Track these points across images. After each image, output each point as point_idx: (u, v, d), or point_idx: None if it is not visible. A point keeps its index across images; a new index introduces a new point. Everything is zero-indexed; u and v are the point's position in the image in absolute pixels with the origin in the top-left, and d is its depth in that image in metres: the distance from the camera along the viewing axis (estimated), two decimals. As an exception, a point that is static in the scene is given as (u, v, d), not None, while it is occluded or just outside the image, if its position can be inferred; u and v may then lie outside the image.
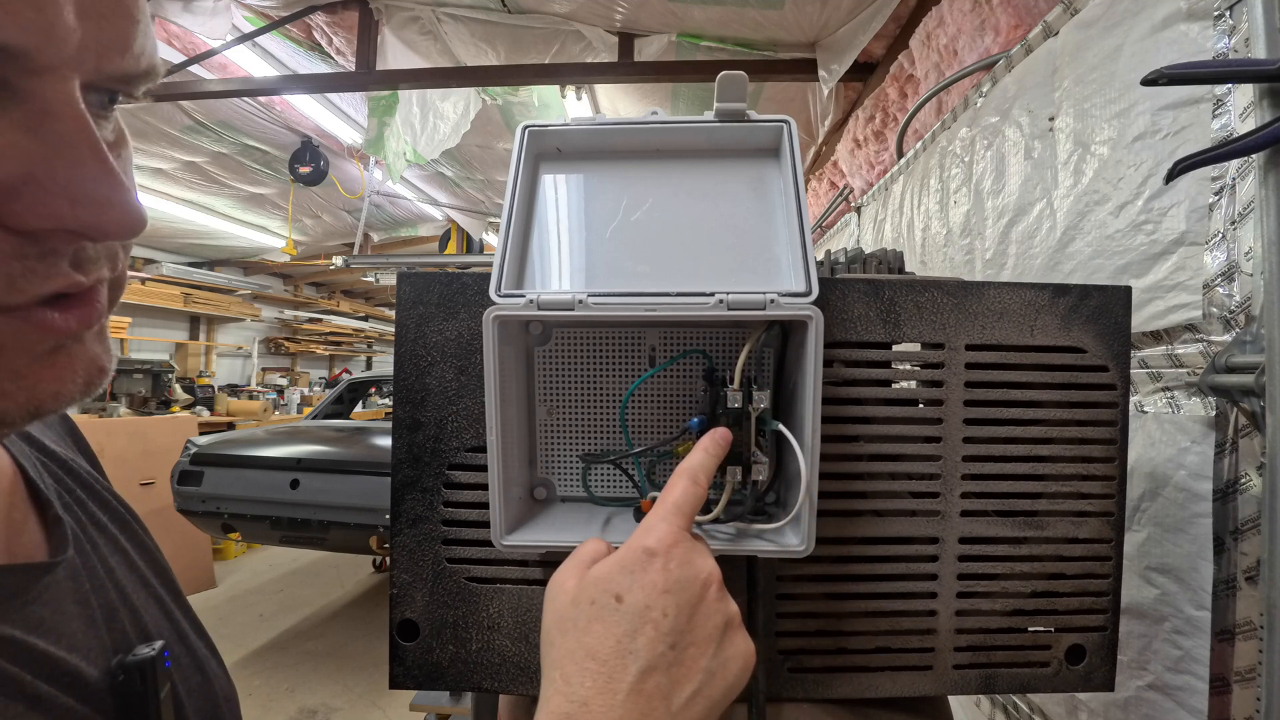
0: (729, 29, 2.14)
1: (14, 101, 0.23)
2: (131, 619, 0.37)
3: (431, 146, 2.92)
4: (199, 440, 3.25)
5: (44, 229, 0.24)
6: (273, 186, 4.59)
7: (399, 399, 0.51)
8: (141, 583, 0.41)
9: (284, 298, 8.61)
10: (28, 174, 0.23)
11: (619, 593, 0.35)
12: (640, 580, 0.35)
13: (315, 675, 3.11)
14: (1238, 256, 0.63)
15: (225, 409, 6.29)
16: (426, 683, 0.51)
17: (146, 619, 0.38)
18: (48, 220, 0.24)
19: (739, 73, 0.49)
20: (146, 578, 0.41)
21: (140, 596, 0.39)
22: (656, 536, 0.36)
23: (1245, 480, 0.62)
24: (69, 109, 0.24)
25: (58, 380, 0.27)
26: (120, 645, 0.35)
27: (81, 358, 0.27)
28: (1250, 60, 0.60)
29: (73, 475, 0.41)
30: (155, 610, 0.40)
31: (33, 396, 0.26)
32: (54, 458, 0.41)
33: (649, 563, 0.35)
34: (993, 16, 1.35)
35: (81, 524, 0.38)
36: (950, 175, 1.30)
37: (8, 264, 0.24)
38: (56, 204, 0.24)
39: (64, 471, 0.41)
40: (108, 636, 0.35)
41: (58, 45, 0.23)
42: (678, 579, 0.35)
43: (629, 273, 0.47)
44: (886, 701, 0.53)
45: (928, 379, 0.51)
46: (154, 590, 0.41)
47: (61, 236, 0.25)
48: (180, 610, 0.43)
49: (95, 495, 0.42)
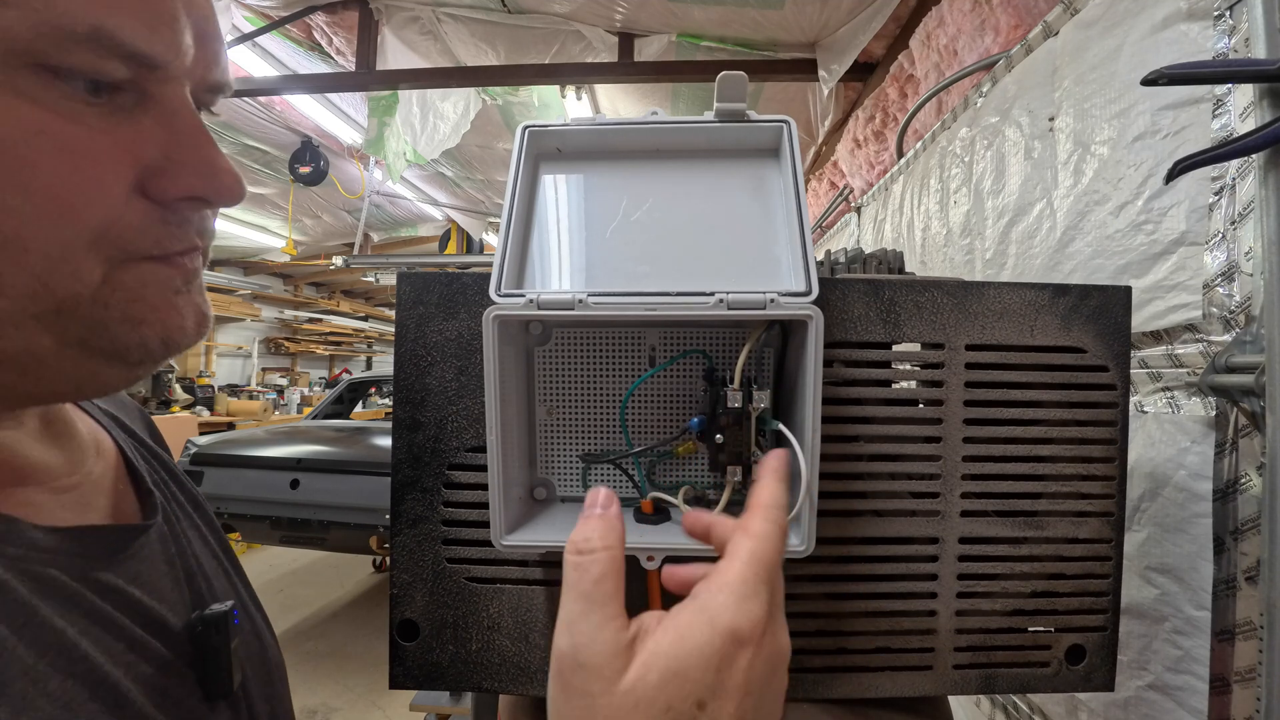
0: (729, 29, 2.14)
1: (151, 104, 0.30)
2: (205, 582, 0.42)
3: (431, 146, 2.92)
4: (199, 440, 3.25)
5: (181, 197, 0.31)
6: (273, 186, 4.59)
7: (399, 399, 0.51)
8: (212, 555, 0.45)
9: (284, 298, 8.61)
10: (166, 157, 0.30)
11: (702, 698, 0.27)
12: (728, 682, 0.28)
13: (315, 675, 3.11)
14: (1238, 256, 0.63)
15: (225, 409, 6.29)
16: (426, 683, 0.51)
17: (216, 585, 0.43)
18: (184, 190, 0.31)
19: (739, 73, 0.49)
20: (215, 551, 0.46)
21: (210, 566, 0.44)
22: (750, 618, 0.28)
23: (1245, 480, 0.62)
24: (188, 109, 0.31)
25: (180, 316, 0.33)
26: (197, 603, 0.40)
27: (192, 303, 0.34)
28: (1250, 60, 0.60)
29: (158, 460, 0.48)
30: (223, 579, 0.45)
31: (165, 327, 0.32)
32: (144, 445, 0.47)
33: (737, 655, 0.28)
34: (993, 16, 1.35)
35: (167, 499, 0.44)
36: (950, 175, 1.30)
37: (156, 228, 0.31)
38: (189, 179, 0.31)
39: (151, 456, 0.47)
40: (188, 594, 0.39)
41: (183, 59, 0.30)
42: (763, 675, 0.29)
43: (629, 272, 0.47)
44: (886, 701, 0.53)
45: (928, 379, 0.51)
46: (221, 563, 0.46)
47: (191, 204, 0.32)
48: (241, 583, 0.48)
49: (175, 478, 0.48)
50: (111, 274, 0.30)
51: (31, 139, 0.26)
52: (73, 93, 0.27)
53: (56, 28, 0.25)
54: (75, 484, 0.37)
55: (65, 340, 0.29)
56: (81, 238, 0.28)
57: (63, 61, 0.26)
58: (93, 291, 0.29)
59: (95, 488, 0.39)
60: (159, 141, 0.30)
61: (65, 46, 0.26)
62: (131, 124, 0.29)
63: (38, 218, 0.27)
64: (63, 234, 0.27)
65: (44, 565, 0.30)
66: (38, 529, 0.31)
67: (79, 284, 0.28)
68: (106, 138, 0.28)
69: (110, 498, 0.39)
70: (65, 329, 0.29)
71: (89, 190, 0.28)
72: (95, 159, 0.28)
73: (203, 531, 0.46)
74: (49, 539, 0.31)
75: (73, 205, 0.27)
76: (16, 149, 0.26)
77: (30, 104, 0.26)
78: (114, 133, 0.29)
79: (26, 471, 0.34)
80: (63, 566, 0.31)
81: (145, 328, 0.31)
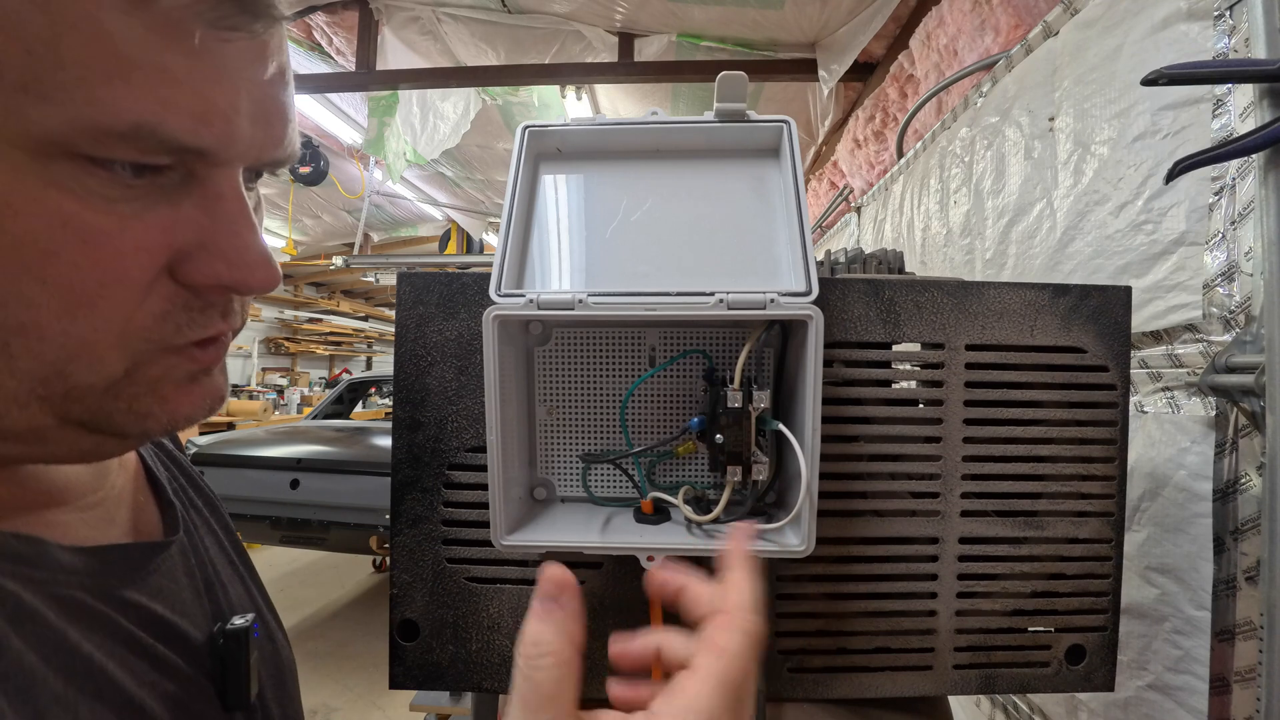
0: (729, 29, 2.14)
1: (196, 185, 0.29)
2: (224, 593, 0.42)
3: (431, 146, 2.92)
4: (199, 440, 3.24)
5: (208, 285, 0.30)
6: (273, 186, 4.59)
7: (399, 399, 0.51)
8: (228, 561, 0.46)
9: (284, 298, 8.61)
10: (200, 242, 0.29)
11: None
12: None
13: (315, 675, 3.10)
14: (1238, 256, 0.63)
15: (225, 409, 6.29)
16: (426, 683, 0.51)
17: (233, 594, 0.43)
18: (211, 278, 0.30)
19: (739, 73, 0.49)
20: (231, 557, 0.46)
21: (227, 573, 0.44)
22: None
23: (1245, 480, 0.62)
24: (234, 193, 0.30)
25: (191, 405, 0.32)
26: (217, 614, 0.40)
27: (210, 387, 0.33)
28: (1250, 60, 0.60)
29: (177, 465, 0.47)
30: (239, 586, 0.45)
31: (172, 418, 0.32)
32: (163, 449, 0.47)
33: None
34: (993, 16, 1.35)
35: (186, 508, 0.44)
36: (950, 175, 1.30)
37: (178, 314, 0.30)
38: (219, 267, 0.30)
39: (170, 461, 0.47)
40: (208, 604, 0.40)
41: (235, 146, 0.29)
42: None
43: (629, 272, 0.47)
44: (886, 701, 0.53)
45: (928, 379, 0.51)
46: (237, 569, 0.46)
47: (218, 291, 0.31)
48: (256, 587, 0.48)
49: (193, 483, 0.48)
50: (135, 370, 0.29)
51: (56, 231, 0.25)
52: (111, 178, 0.26)
53: (95, 125, 0.24)
54: (100, 500, 0.37)
55: (67, 419, 0.29)
56: (106, 331, 0.28)
57: (102, 154, 0.25)
58: (109, 384, 0.29)
59: (118, 501, 0.39)
60: (197, 226, 0.29)
61: (105, 142, 0.25)
62: (171, 206, 0.29)
63: (55, 309, 0.26)
64: (81, 327, 0.27)
65: (71, 588, 0.30)
66: (64, 550, 0.31)
67: (96, 376, 0.28)
68: (138, 225, 0.27)
69: (131, 510, 0.39)
70: (69, 410, 0.29)
71: (109, 284, 0.27)
72: (120, 252, 0.27)
73: (218, 536, 0.46)
74: (75, 560, 0.31)
75: (92, 299, 0.27)
76: (38, 241, 0.25)
77: (61, 193, 0.25)
78: (148, 217, 0.28)
79: (54, 492, 0.34)
80: (88, 588, 0.31)
81: (149, 420, 0.31)
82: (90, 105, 0.24)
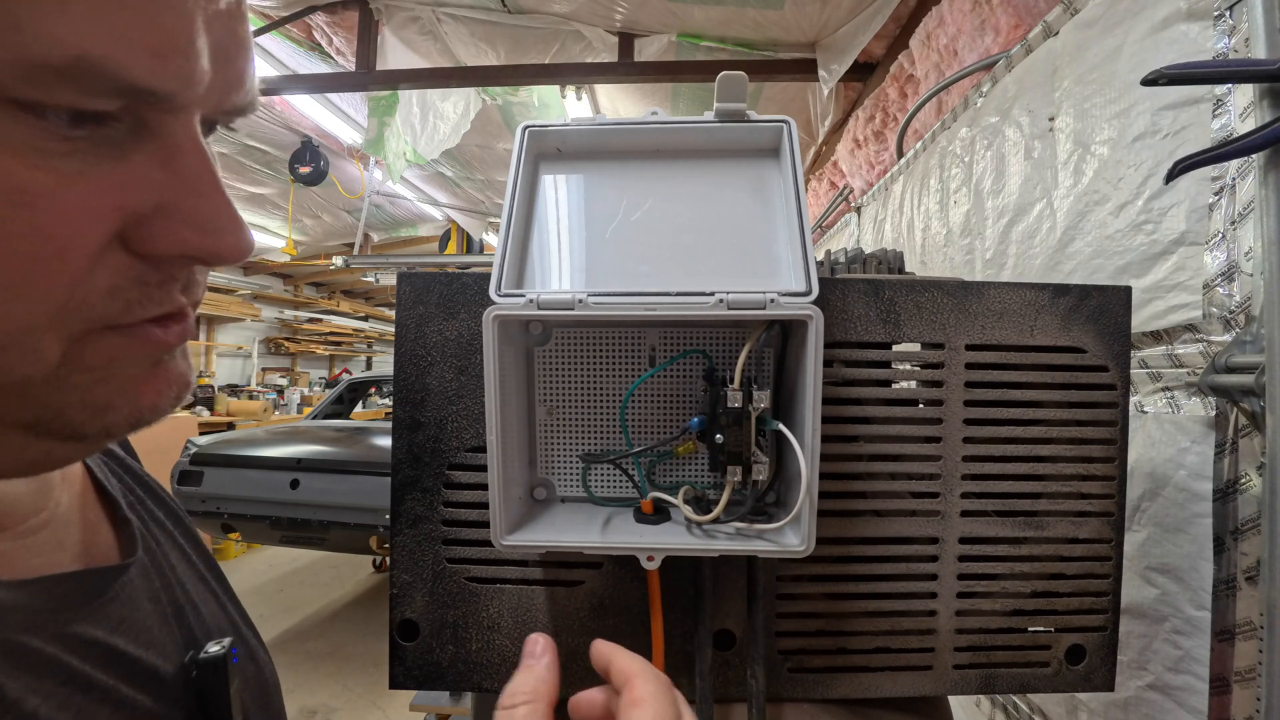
0: (729, 29, 2.14)
1: (148, 137, 0.25)
2: (195, 614, 0.38)
3: (431, 146, 2.92)
4: (199, 440, 3.24)
5: (170, 255, 0.26)
6: (273, 186, 4.59)
7: (399, 399, 0.51)
8: (198, 577, 0.42)
9: (284, 298, 8.61)
10: (159, 205, 0.25)
11: None
12: None
13: (315, 675, 3.10)
14: (1238, 256, 0.63)
15: (225, 409, 6.29)
16: (426, 683, 0.51)
17: (206, 614, 0.39)
18: (175, 247, 0.26)
19: (739, 73, 0.49)
20: (201, 571, 0.42)
21: (199, 591, 0.40)
22: None
23: (1245, 480, 0.62)
24: (194, 145, 0.26)
25: (156, 393, 0.28)
26: (188, 641, 0.36)
27: (175, 372, 0.29)
28: (1250, 60, 0.60)
29: (132, 475, 0.42)
30: (212, 604, 0.41)
31: (136, 409, 0.28)
32: (115, 458, 0.42)
33: None
34: (993, 16, 1.35)
35: (145, 523, 0.39)
36: (950, 175, 1.30)
37: (130, 289, 0.25)
38: (184, 232, 0.26)
39: (124, 471, 0.42)
40: (178, 632, 0.36)
41: (194, 89, 0.24)
42: None
43: (629, 272, 0.47)
44: (886, 701, 0.53)
45: (928, 379, 0.51)
46: (209, 585, 0.42)
47: (182, 263, 0.27)
48: (230, 601, 0.44)
49: (152, 494, 0.43)
50: (71, 351, 0.24)
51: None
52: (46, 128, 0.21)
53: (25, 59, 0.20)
54: (43, 522, 0.32)
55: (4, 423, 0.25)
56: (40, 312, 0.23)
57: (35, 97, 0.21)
58: (47, 373, 0.24)
59: (65, 522, 0.34)
60: (153, 185, 0.25)
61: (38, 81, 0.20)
62: (119, 162, 0.24)
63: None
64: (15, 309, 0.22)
65: (14, 630, 0.27)
66: (4, 586, 0.27)
67: (31, 366, 0.24)
68: (82, 185, 0.23)
69: (81, 531, 0.35)
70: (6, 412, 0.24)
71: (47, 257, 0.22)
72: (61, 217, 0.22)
73: (185, 551, 0.42)
74: (15, 595, 0.27)
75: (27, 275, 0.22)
76: None
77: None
78: (94, 176, 0.23)
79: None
80: (33, 628, 0.27)
81: (110, 414, 0.27)
82: (18, 34, 0.19)
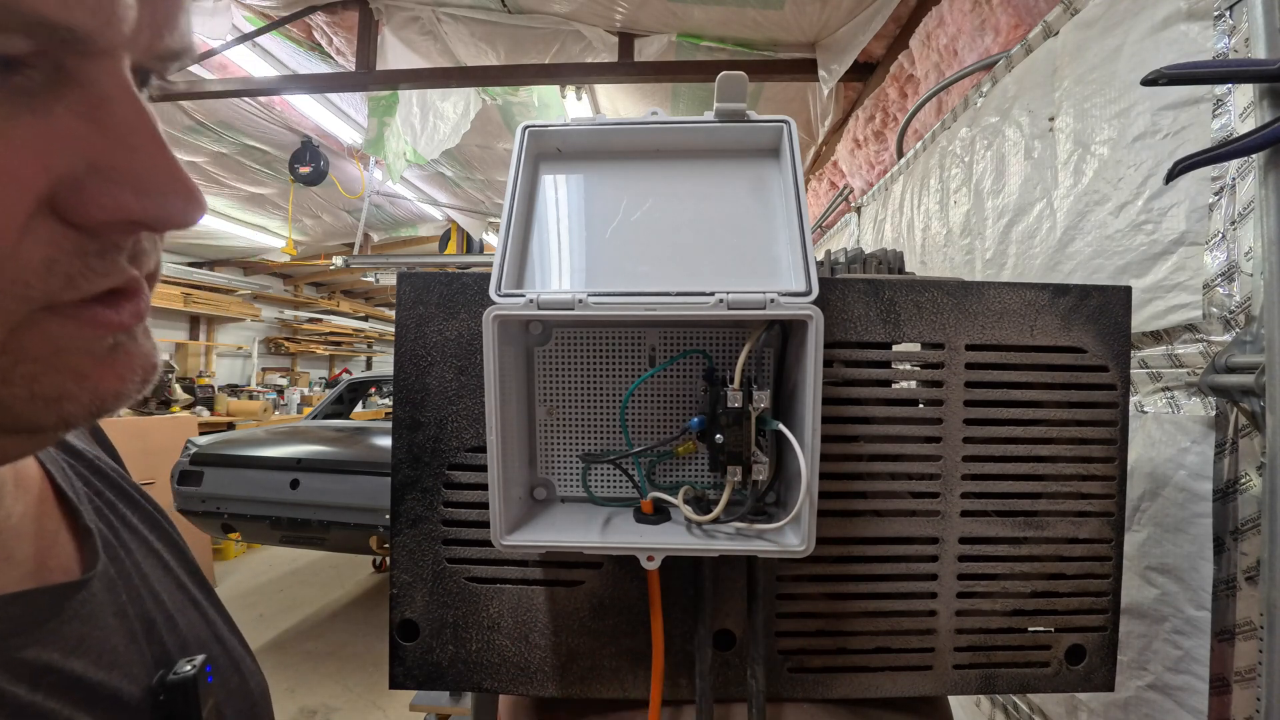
0: (729, 29, 2.14)
1: (69, 86, 0.21)
2: (169, 627, 0.35)
3: (431, 146, 2.92)
4: (199, 440, 3.24)
5: (108, 220, 0.23)
6: (273, 186, 4.59)
7: (399, 399, 0.51)
8: (176, 585, 0.39)
9: (284, 298, 8.61)
10: (90, 164, 0.22)
11: None
12: None
13: (315, 675, 3.10)
14: (1238, 256, 0.63)
15: (225, 409, 6.29)
16: (426, 683, 0.51)
17: (183, 625, 0.37)
18: (113, 212, 0.23)
19: (739, 73, 0.49)
20: (180, 579, 0.40)
21: (176, 600, 0.38)
22: None
23: (1245, 480, 0.62)
24: (125, 94, 0.23)
25: (119, 379, 0.26)
26: (160, 658, 0.33)
27: (137, 354, 0.26)
28: (1250, 60, 0.60)
29: (101, 476, 0.39)
30: (192, 613, 0.38)
31: (96, 396, 0.25)
32: (81, 458, 0.39)
33: None
34: (993, 16, 1.35)
35: (114, 528, 0.36)
36: (950, 175, 1.30)
37: (69, 262, 0.22)
38: (121, 195, 0.22)
39: (92, 472, 0.39)
40: (148, 649, 0.33)
41: (117, 26, 0.21)
42: None
43: (629, 272, 0.47)
44: (886, 701, 0.53)
45: (928, 379, 0.51)
46: (189, 592, 0.40)
47: (123, 228, 0.24)
48: (214, 609, 0.41)
49: (124, 495, 0.40)
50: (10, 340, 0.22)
51: None
52: None
53: None
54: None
55: None
56: None
57: None
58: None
59: (17, 534, 0.31)
60: (81, 141, 0.22)
61: None
62: (38, 116, 0.21)
63: None
64: None
65: None
66: None
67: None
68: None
69: (35, 544, 0.32)
70: None
71: None
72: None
73: (163, 557, 0.39)
74: None
75: None
76: None
77: None
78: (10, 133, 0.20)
79: None
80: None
81: (67, 404, 0.24)
82: None
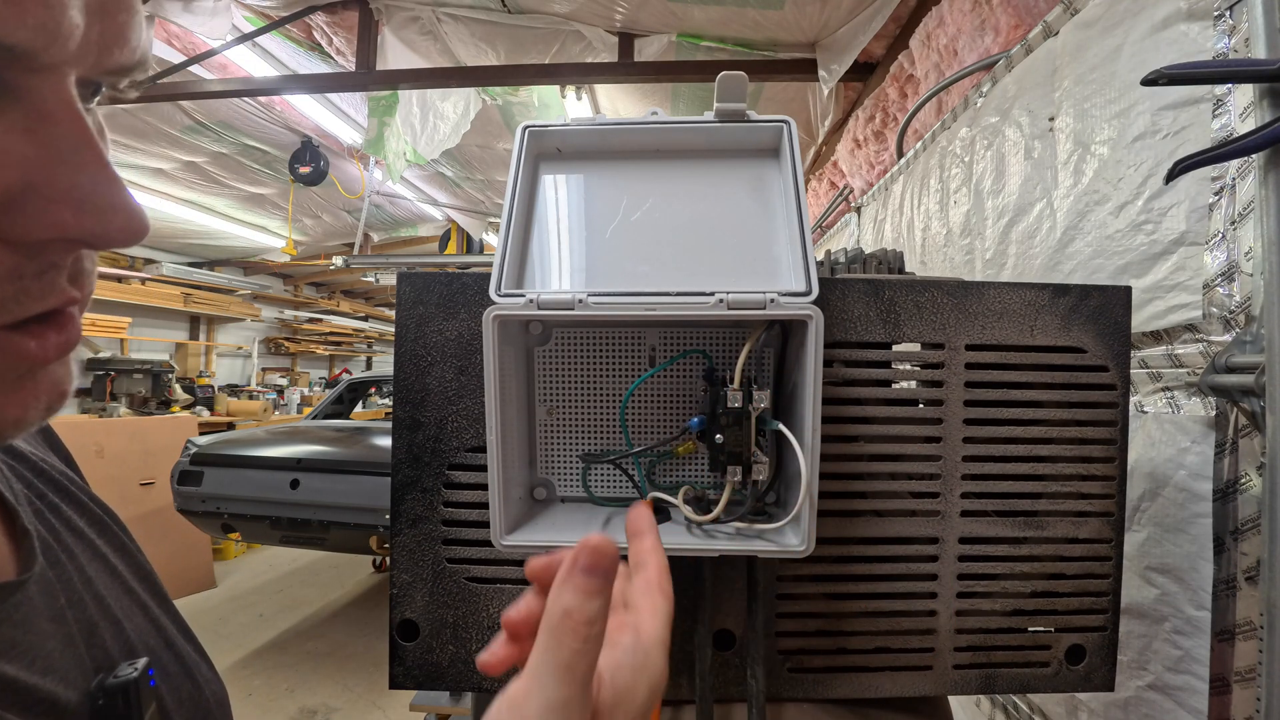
0: (729, 29, 2.14)
1: (9, 103, 0.21)
2: (113, 632, 0.34)
3: (431, 146, 2.92)
4: (199, 440, 3.24)
5: (44, 239, 0.22)
6: (273, 186, 4.59)
7: (399, 399, 0.51)
8: (124, 590, 0.38)
9: (284, 298, 8.61)
10: (28, 182, 0.22)
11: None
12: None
13: (315, 675, 3.10)
14: (1238, 256, 0.63)
15: (225, 409, 6.29)
16: (426, 683, 0.51)
17: (130, 630, 0.36)
18: (51, 230, 0.22)
19: (739, 73, 0.49)
20: (129, 584, 0.39)
21: (123, 605, 0.37)
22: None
23: (1245, 480, 0.62)
24: (67, 110, 0.22)
25: (21, 407, 0.25)
26: (102, 663, 0.32)
27: (46, 382, 0.25)
28: (1250, 60, 0.60)
29: (45, 479, 0.38)
30: (140, 618, 0.37)
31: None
32: (24, 460, 0.38)
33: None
34: (993, 16, 1.35)
35: (55, 532, 0.35)
36: (950, 175, 1.30)
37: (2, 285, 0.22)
38: (59, 213, 0.22)
39: (35, 475, 0.38)
40: (87, 654, 0.32)
41: (62, 44, 0.21)
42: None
43: (629, 272, 0.47)
44: (886, 701, 0.53)
45: (928, 379, 0.51)
46: (137, 597, 0.39)
47: (62, 247, 0.23)
48: (167, 615, 0.40)
49: (71, 499, 0.39)
50: None
51: None
52: None
53: None
54: None
55: None
56: None
57: None
58: None
59: None
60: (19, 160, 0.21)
61: None
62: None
63: None
64: None
65: None
66: None
67: None
68: None
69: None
70: None
71: None
72: None
73: (109, 560, 0.38)
74: None
75: None
76: None
77: None
78: None
79: None
80: None
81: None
82: None
